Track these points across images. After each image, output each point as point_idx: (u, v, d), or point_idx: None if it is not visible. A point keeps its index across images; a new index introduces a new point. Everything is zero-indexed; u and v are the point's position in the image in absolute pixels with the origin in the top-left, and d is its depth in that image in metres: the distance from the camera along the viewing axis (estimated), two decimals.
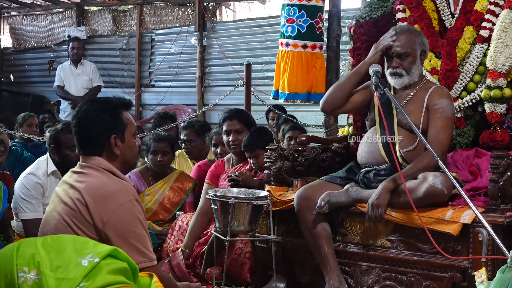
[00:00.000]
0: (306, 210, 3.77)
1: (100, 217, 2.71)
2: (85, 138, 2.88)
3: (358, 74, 3.91)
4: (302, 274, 4.02)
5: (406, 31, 3.87)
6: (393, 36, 3.82)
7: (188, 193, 5.15)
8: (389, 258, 3.65)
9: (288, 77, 5.04)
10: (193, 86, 10.47)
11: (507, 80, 3.95)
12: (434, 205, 3.50)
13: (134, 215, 2.76)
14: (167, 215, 5.08)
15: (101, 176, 2.81)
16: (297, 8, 5.02)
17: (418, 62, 3.83)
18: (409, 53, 3.80)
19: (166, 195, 5.10)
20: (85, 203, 2.72)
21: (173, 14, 11.03)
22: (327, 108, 4.03)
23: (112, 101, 2.93)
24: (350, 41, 4.65)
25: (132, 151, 2.94)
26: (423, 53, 3.85)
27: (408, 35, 3.83)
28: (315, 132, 6.67)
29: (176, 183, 5.16)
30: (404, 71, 3.81)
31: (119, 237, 2.70)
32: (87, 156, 2.87)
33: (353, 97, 3.97)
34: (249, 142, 4.58)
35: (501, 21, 3.97)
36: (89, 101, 2.94)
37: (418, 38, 3.84)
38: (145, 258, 2.75)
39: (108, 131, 2.85)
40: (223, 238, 3.80)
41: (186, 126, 5.90)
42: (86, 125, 2.86)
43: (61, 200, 2.80)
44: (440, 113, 3.71)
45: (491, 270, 3.21)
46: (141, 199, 4.96)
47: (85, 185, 2.78)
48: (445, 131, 3.69)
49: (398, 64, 3.80)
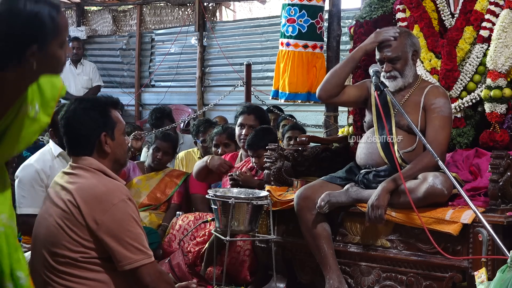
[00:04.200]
0: (306, 210, 3.78)
1: (93, 218, 2.70)
2: (74, 138, 2.87)
3: (354, 60, 3.94)
4: (302, 274, 4.02)
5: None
6: (397, 33, 3.83)
7: (179, 184, 5.27)
8: (389, 258, 3.65)
9: (288, 77, 5.04)
10: (193, 86, 10.46)
11: (507, 80, 3.95)
12: (434, 205, 3.50)
13: (128, 214, 2.75)
14: (157, 202, 5.20)
15: (93, 176, 2.80)
16: (298, 8, 5.02)
17: (410, 63, 3.84)
18: (400, 57, 3.82)
19: (157, 183, 5.23)
20: (77, 205, 2.71)
21: (173, 14, 11.02)
22: (322, 95, 4.01)
23: (100, 100, 2.93)
24: (350, 41, 4.65)
25: (122, 149, 2.94)
26: (415, 53, 3.86)
27: (398, 38, 3.84)
28: (315, 132, 6.66)
29: (168, 176, 5.31)
30: (398, 73, 3.83)
31: (114, 237, 2.70)
32: (78, 157, 2.86)
33: (349, 90, 3.99)
34: (253, 141, 4.60)
35: (501, 21, 3.97)
36: (77, 101, 2.94)
37: (408, 39, 3.85)
38: (144, 255, 2.75)
39: (97, 129, 2.85)
40: (223, 238, 3.81)
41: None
42: (75, 123, 2.85)
43: (53, 202, 2.79)
44: (437, 113, 3.72)
45: (491, 270, 3.21)
46: (133, 184, 5.06)
47: (77, 186, 2.76)
48: (443, 131, 3.69)
49: (391, 68, 3.83)
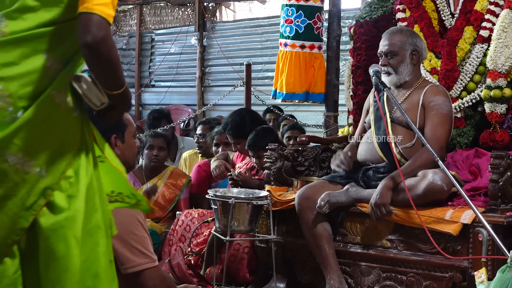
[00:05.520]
0: (307, 210, 3.78)
1: None
2: None
3: None
4: (302, 274, 4.02)
5: (397, 31, 3.91)
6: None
7: (182, 189, 5.13)
8: (389, 258, 3.65)
9: (286, 77, 5.04)
10: (193, 86, 10.48)
11: (507, 80, 3.95)
12: (434, 204, 3.50)
13: (134, 217, 2.75)
14: (162, 212, 5.08)
15: None
16: (295, 8, 5.02)
17: (407, 61, 3.83)
18: (395, 52, 3.82)
19: (160, 192, 5.09)
20: None
21: (173, 14, 11.03)
22: None
23: None
24: (350, 41, 4.65)
25: (132, 152, 2.94)
26: (415, 53, 3.85)
27: (399, 35, 3.86)
28: (315, 132, 6.66)
29: (169, 179, 5.14)
30: (392, 69, 3.84)
31: (119, 239, 2.69)
32: None
33: (362, 122, 4.09)
34: (254, 142, 4.61)
35: (501, 21, 3.97)
36: None
37: (410, 38, 3.85)
38: (148, 259, 2.75)
39: (108, 131, 2.84)
40: (223, 238, 3.81)
41: (203, 121, 5.99)
42: None
43: None
44: (436, 110, 3.72)
45: (491, 270, 3.21)
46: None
47: None
48: (442, 127, 3.70)
49: (386, 63, 3.84)
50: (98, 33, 2.00)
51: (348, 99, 4.61)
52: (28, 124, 2.04)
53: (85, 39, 2.01)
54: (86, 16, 2.01)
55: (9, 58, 2.04)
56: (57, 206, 2.08)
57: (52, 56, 2.10)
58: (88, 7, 2.01)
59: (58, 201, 2.09)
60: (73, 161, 2.15)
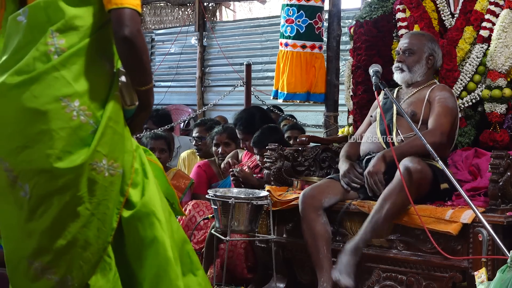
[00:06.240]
0: (311, 209, 3.77)
1: None
2: None
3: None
4: (302, 274, 4.02)
5: (419, 34, 4.05)
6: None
7: (184, 192, 5.11)
8: (389, 258, 3.65)
9: (287, 77, 5.05)
10: (193, 86, 10.48)
11: (507, 80, 3.96)
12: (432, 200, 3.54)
13: None
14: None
15: None
16: (296, 8, 5.03)
17: (422, 62, 3.93)
18: (414, 51, 3.92)
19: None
20: None
21: (173, 14, 11.04)
22: None
23: None
24: (350, 41, 4.65)
25: None
26: (431, 57, 3.95)
27: (420, 37, 3.99)
28: (315, 132, 6.66)
29: (172, 181, 5.11)
30: (406, 67, 3.92)
31: None
32: None
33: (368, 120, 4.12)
34: (259, 139, 4.63)
35: (501, 21, 3.97)
36: None
37: (430, 42, 3.97)
38: None
39: None
40: (223, 238, 3.81)
41: (199, 123, 5.94)
42: None
43: None
44: (441, 102, 3.79)
45: (491, 270, 3.21)
46: None
47: None
48: (446, 117, 3.75)
49: (402, 59, 3.92)
50: (134, 26, 2.07)
51: (348, 99, 4.61)
52: (106, 129, 2.12)
53: (122, 33, 2.06)
54: (118, 11, 2.07)
55: (76, 71, 2.10)
56: (132, 199, 2.20)
57: (107, 58, 2.18)
58: (117, 2, 2.07)
59: (133, 195, 2.20)
60: (135, 153, 2.25)
